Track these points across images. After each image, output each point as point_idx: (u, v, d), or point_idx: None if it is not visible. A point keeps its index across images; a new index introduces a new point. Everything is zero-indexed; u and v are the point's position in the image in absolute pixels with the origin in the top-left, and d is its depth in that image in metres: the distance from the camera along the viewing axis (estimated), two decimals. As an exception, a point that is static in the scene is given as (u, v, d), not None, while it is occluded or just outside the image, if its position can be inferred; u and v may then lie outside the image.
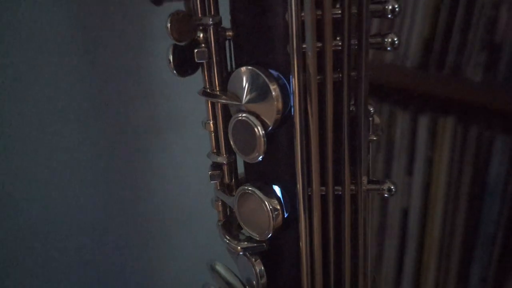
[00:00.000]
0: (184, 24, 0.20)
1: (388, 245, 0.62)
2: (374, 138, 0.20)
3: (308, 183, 0.19)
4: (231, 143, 0.19)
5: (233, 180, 0.21)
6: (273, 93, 0.18)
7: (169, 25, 0.20)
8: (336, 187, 0.19)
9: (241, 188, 0.20)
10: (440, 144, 0.57)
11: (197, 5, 0.20)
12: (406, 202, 0.60)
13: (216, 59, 0.19)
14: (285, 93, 0.18)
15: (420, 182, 0.59)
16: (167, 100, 0.34)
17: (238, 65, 0.20)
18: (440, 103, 0.56)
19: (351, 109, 0.19)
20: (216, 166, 0.21)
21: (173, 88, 0.34)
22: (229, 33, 0.20)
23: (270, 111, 0.18)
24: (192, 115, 0.22)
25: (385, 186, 0.19)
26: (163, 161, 0.35)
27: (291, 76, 0.18)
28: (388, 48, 0.17)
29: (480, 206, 0.55)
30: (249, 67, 0.18)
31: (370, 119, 0.20)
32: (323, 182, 0.19)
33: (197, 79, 0.21)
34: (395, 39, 0.17)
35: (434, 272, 0.60)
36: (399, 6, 0.17)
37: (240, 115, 0.18)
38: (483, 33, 0.52)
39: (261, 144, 0.18)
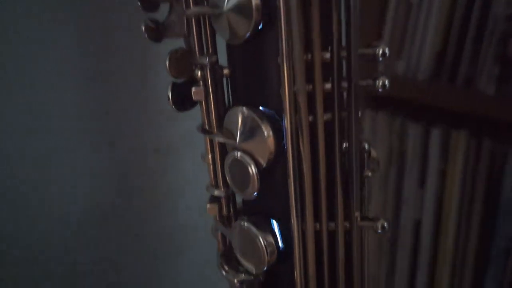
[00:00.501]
0: (183, 62, 0.21)
1: (400, 257, 0.62)
2: (370, 174, 0.20)
3: (302, 219, 0.19)
4: (227, 179, 0.20)
5: (231, 212, 0.22)
6: (265, 133, 0.18)
7: (167, 63, 0.20)
8: (330, 223, 0.19)
9: (237, 222, 0.20)
10: (453, 157, 0.56)
11: (194, 44, 0.20)
12: (418, 214, 0.60)
13: (213, 97, 0.20)
14: (278, 133, 0.18)
15: (432, 195, 0.58)
16: (175, 121, 0.34)
17: (235, 102, 0.20)
18: (453, 116, 0.56)
19: (345, 145, 0.19)
20: (214, 198, 0.22)
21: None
22: (226, 71, 0.20)
23: (263, 150, 0.18)
24: (200, 136, 0.23)
25: (379, 223, 0.19)
26: (173, 181, 0.36)
27: (283, 116, 0.18)
28: (380, 90, 0.18)
29: (494, 220, 0.54)
30: (243, 108, 0.19)
31: (366, 154, 0.20)
32: (317, 218, 0.19)
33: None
34: (386, 82, 0.17)
35: (447, 286, 0.59)
36: (389, 50, 0.17)
37: (234, 153, 0.19)
38: (496, 45, 0.51)
39: (255, 182, 0.19)
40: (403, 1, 0.58)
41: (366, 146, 0.20)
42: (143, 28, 0.21)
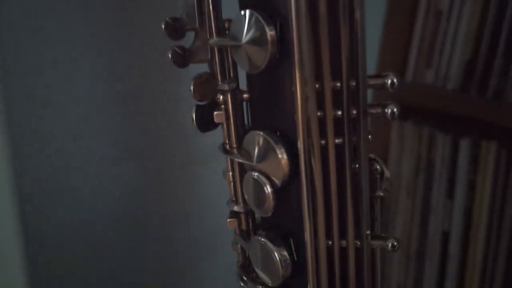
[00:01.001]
0: (206, 86, 0.22)
1: (428, 267, 0.61)
2: (382, 194, 0.21)
3: (315, 236, 0.20)
4: (245, 197, 0.21)
5: (250, 226, 0.23)
6: (280, 156, 0.19)
7: (192, 88, 0.22)
8: (342, 241, 0.20)
9: (255, 237, 0.22)
10: (482, 168, 0.55)
11: (217, 71, 0.22)
12: (447, 224, 0.59)
13: (233, 120, 0.21)
14: (292, 155, 0.20)
15: (462, 206, 0.58)
16: (203, 135, 0.36)
17: (254, 124, 0.22)
18: (483, 127, 0.55)
19: (356, 165, 0.20)
20: (234, 213, 0.23)
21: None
22: (245, 95, 0.21)
23: (278, 171, 0.20)
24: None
25: (389, 242, 0.20)
26: (197, 193, 0.38)
27: (297, 140, 0.19)
28: (389, 119, 0.18)
29: (525, 233, 0.53)
30: (260, 132, 0.20)
31: (378, 175, 0.21)
32: (329, 235, 0.20)
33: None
34: (395, 109, 0.18)
35: (475, 298, 0.58)
36: (398, 80, 0.18)
37: (251, 173, 0.20)
38: (528, 56, 0.50)
39: (270, 201, 0.20)
40: (432, 9, 0.58)
41: (378, 167, 0.21)
42: (170, 55, 0.22)
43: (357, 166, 0.20)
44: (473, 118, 0.55)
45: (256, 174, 0.20)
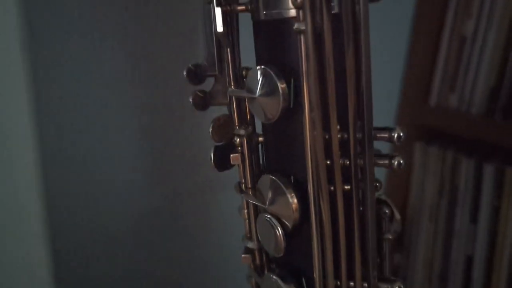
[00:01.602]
0: (224, 128, 0.24)
1: (451, 292, 0.61)
2: (390, 237, 0.22)
3: (324, 276, 0.21)
4: (259, 237, 0.22)
5: (264, 261, 0.24)
6: (291, 200, 0.20)
7: (211, 130, 0.23)
8: (350, 282, 0.21)
9: (267, 274, 0.23)
10: (507, 193, 0.55)
11: (234, 116, 0.23)
12: (470, 249, 0.58)
13: (248, 163, 0.23)
14: (302, 200, 0.21)
15: (485, 230, 0.57)
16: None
17: (268, 166, 0.23)
18: (507, 151, 0.54)
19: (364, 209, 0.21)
20: (248, 249, 0.24)
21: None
22: (261, 139, 0.23)
23: (289, 215, 0.21)
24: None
25: (396, 285, 0.21)
26: (211, 220, 0.39)
27: (308, 185, 0.20)
28: (396, 170, 0.19)
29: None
30: (273, 177, 0.21)
31: (387, 218, 0.22)
32: (337, 276, 0.21)
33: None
34: (401, 161, 0.19)
35: (499, 325, 0.57)
36: (404, 134, 0.19)
37: (264, 215, 0.21)
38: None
39: (281, 243, 0.21)
40: (457, 34, 0.58)
41: (387, 210, 0.22)
42: (191, 99, 0.24)
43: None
44: (498, 142, 0.55)
45: (268, 216, 0.21)
